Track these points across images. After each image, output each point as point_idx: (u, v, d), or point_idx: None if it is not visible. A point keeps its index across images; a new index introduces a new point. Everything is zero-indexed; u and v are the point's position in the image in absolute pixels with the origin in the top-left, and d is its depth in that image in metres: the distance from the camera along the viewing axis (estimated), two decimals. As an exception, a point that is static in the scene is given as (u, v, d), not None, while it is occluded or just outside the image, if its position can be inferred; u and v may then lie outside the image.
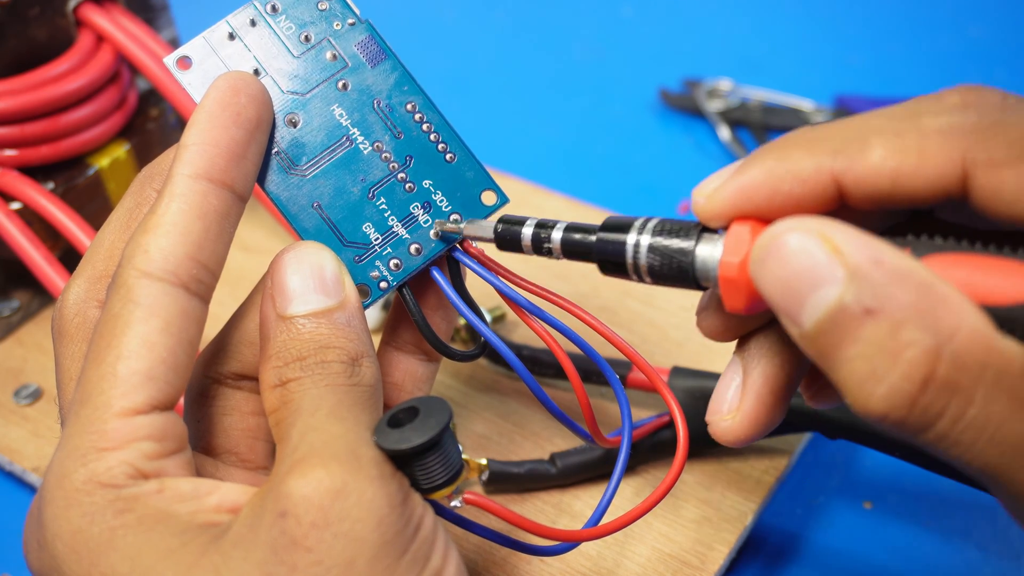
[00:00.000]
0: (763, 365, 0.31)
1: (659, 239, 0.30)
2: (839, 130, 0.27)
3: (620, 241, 0.30)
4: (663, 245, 0.29)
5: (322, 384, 0.29)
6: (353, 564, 0.26)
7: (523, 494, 0.43)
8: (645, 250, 0.30)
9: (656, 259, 0.30)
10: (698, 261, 0.29)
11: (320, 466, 0.27)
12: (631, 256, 0.30)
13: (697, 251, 0.29)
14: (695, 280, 0.29)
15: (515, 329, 0.49)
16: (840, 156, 0.27)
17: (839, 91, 0.69)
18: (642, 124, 0.70)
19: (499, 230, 0.33)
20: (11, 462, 0.45)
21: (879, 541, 0.44)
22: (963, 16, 0.77)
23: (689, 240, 0.29)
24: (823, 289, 0.24)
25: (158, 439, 0.28)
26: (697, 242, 0.29)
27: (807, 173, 0.27)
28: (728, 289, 0.28)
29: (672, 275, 0.29)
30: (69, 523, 0.27)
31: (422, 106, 0.34)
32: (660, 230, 0.30)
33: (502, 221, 0.33)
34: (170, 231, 0.29)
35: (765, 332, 0.31)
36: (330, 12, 0.35)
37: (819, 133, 0.28)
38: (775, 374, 0.31)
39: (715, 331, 0.31)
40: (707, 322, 0.31)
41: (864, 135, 0.27)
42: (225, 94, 0.31)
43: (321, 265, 0.31)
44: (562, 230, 0.32)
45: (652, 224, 0.30)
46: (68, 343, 0.31)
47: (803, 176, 0.27)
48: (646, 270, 0.30)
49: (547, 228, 0.33)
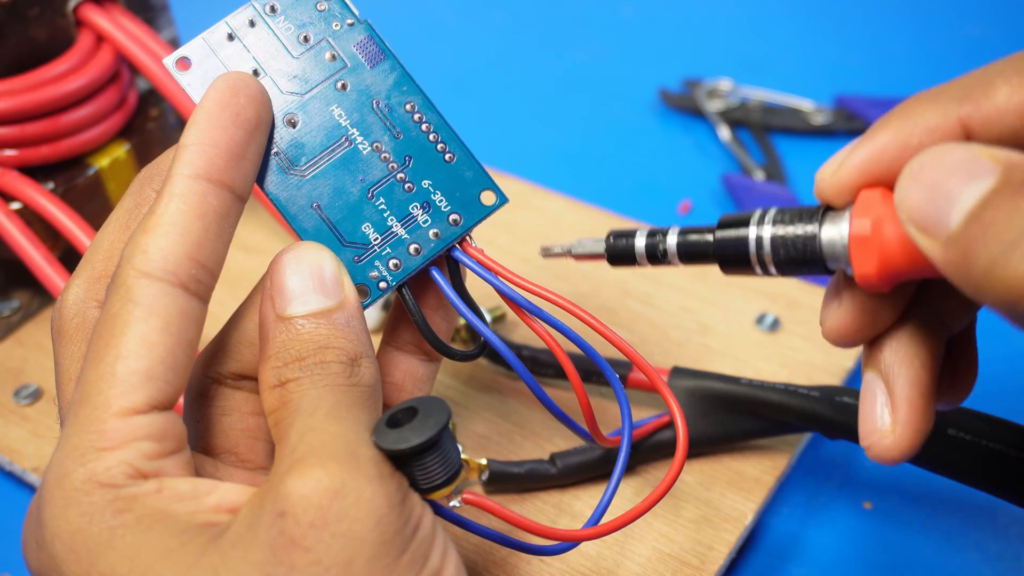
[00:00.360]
0: (906, 370, 0.30)
1: (781, 228, 0.30)
2: (960, 80, 0.28)
3: (741, 237, 0.30)
4: (787, 233, 0.29)
5: (321, 384, 0.29)
6: (352, 564, 0.26)
7: (523, 494, 0.43)
8: (768, 241, 0.30)
9: (782, 248, 0.30)
10: (825, 242, 0.29)
11: (319, 466, 0.27)
12: (754, 249, 0.30)
13: (823, 232, 0.29)
14: (824, 263, 0.29)
15: (515, 329, 0.49)
16: (965, 101, 0.27)
17: (839, 91, 0.69)
18: (642, 124, 0.70)
19: (610, 243, 0.34)
20: (11, 462, 0.45)
21: (879, 541, 0.44)
22: (963, 16, 0.77)
23: (813, 223, 0.29)
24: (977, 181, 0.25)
25: (157, 439, 0.28)
26: (821, 223, 0.29)
27: (935, 122, 0.27)
28: (860, 250, 0.28)
29: (800, 261, 0.29)
30: (68, 523, 0.27)
31: (421, 106, 0.34)
32: (780, 219, 0.30)
33: (612, 235, 0.34)
34: (169, 231, 0.29)
35: (896, 336, 0.31)
36: (329, 12, 0.35)
37: (939, 87, 0.28)
38: (920, 376, 0.30)
39: (844, 328, 0.31)
40: (835, 320, 0.31)
41: (987, 78, 0.27)
42: (224, 94, 0.31)
43: (320, 265, 0.31)
44: (676, 234, 0.33)
45: (770, 215, 0.30)
46: (67, 343, 0.31)
47: (931, 126, 0.27)
48: (771, 261, 0.30)
49: (659, 235, 0.33)
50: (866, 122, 0.66)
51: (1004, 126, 0.27)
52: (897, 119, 0.28)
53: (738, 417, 0.42)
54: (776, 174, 0.63)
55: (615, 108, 0.71)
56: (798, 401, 0.41)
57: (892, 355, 0.30)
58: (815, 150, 0.66)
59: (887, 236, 0.27)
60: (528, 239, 0.55)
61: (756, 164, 0.64)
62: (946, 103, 0.28)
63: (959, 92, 0.28)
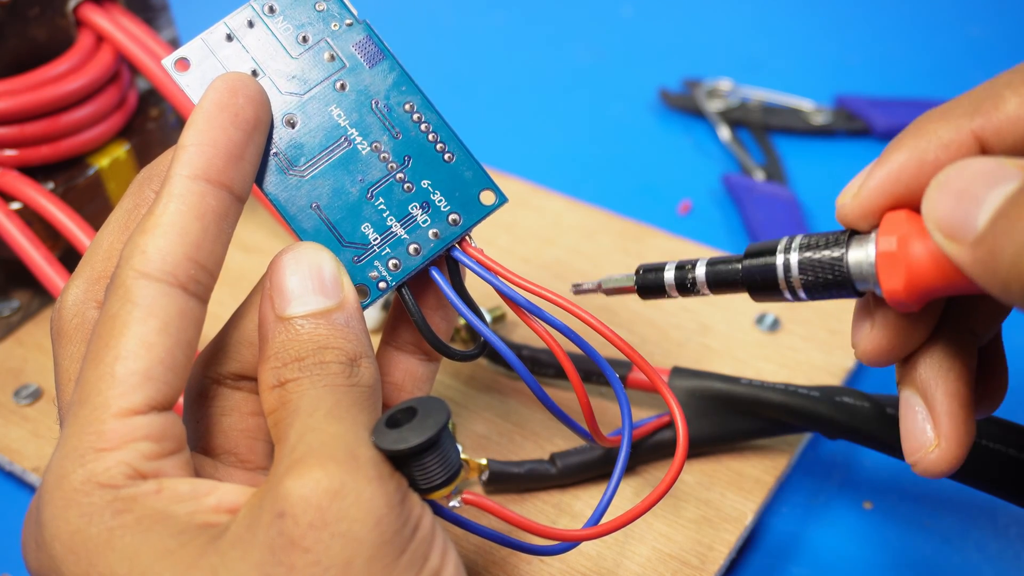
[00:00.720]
0: (944, 384, 0.31)
1: (808, 254, 0.30)
2: (969, 95, 0.28)
3: (769, 265, 0.31)
4: (814, 259, 0.30)
5: (320, 385, 0.29)
6: (351, 564, 0.26)
7: (523, 494, 0.43)
8: (796, 268, 0.30)
9: (810, 274, 0.30)
10: (852, 264, 0.29)
11: (318, 466, 0.27)
12: (783, 276, 0.31)
13: (850, 255, 0.29)
14: (852, 285, 0.30)
15: (515, 329, 0.49)
16: (976, 115, 0.28)
17: (839, 91, 0.69)
18: (642, 124, 0.70)
19: (640, 277, 0.35)
20: (11, 462, 0.45)
21: (879, 541, 0.43)
22: (963, 16, 0.77)
23: (840, 248, 0.30)
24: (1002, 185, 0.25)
25: (156, 439, 0.28)
26: (848, 248, 0.29)
27: (949, 137, 0.28)
28: (888, 268, 0.28)
29: (828, 285, 0.30)
30: (67, 523, 0.27)
31: (420, 106, 0.34)
32: (807, 245, 0.30)
33: (641, 269, 0.35)
34: (168, 231, 0.29)
35: (930, 352, 0.31)
36: (327, 13, 0.35)
37: (949, 103, 0.28)
38: (958, 388, 0.31)
39: (878, 349, 0.31)
40: (868, 342, 0.31)
41: (995, 90, 0.28)
42: (223, 95, 0.31)
43: (320, 266, 0.31)
44: (704, 265, 0.34)
45: (797, 242, 0.31)
46: (67, 344, 0.31)
47: (945, 141, 0.28)
48: (800, 285, 0.31)
49: (688, 267, 0.34)
50: (866, 122, 0.66)
51: (1017, 136, 0.27)
52: (911, 138, 0.29)
53: (738, 417, 0.42)
54: (776, 174, 0.63)
55: (615, 108, 0.71)
56: (798, 401, 0.41)
57: (927, 371, 0.31)
58: (815, 150, 0.66)
59: (914, 253, 0.28)
60: (528, 239, 0.55)
61: (756, 164, 0.64)
62: (958, 118, 0.28)
63: (969, 106, 0.28)
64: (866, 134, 0.67)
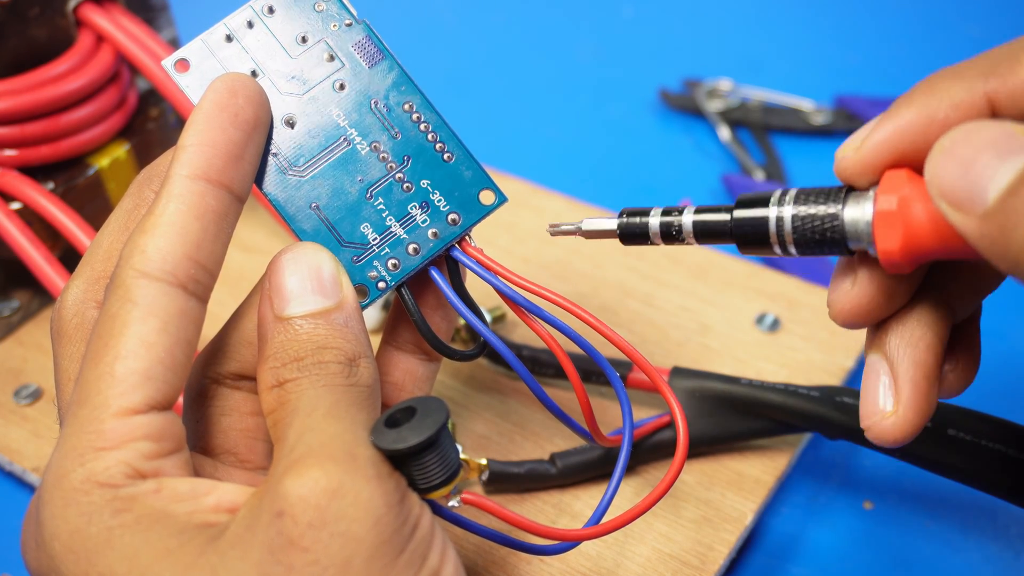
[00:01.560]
0: (911, 352, 0.30)
1: (803, 208, 0.29)
2: (986, 55, 0.27)
3: (761, 216, 0.30)
4: (809, 213, 0.29)
5: (319, 384, 0.29)
6: (350, 564, 0.26)
7: (523, 494, 0.43)
8: (789, 221, 0.29)
9: (804, 228, 0.29)
10: (848, 221, 0.28)
11: (316, 466, 0.27)
12: (775, 229, 0.30)
13: (846, 212, 0.28)
14: (844, 243, 0.29)
15: (515, 329, 0.49)
16: (992, 76, 0.27)
17: (839, 91, 0.69)
18: (642, 124, 0.69)
19: (624, 221, 0.33)
20: (11, 462, 0.45)
21: (879, 541, 0.43)
22: (963, 16, 0.77)
23: (836, 204, 0.29)
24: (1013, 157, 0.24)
25: (156, 439, 0.28)
26: (845, 204, 0.28)
27: (960, 97, 0.27)
28: (886, 228, 0.27)
29: (822, 242, 0.29)
30: (67, 523, 0.27)
31: (419, 106, 0.34)
32: (802, 199, 0.29)
33: (624, 214, 0.33)
34: (168, 231, 0.29)
35: (903, 319, 0.30)
36: (327, 13, 0.35)
37: (964, 63, 0.28)
38: (925, 358, 0.30)
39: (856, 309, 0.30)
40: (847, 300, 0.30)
41: (1013, 53, 0.27)
42: (222, 95, 0.31)
43: (318, 266, 0.31)
44: (692, 213, 0.32)
45: (792, 194, 0.30)
46: (66, 344, 0.31)
47: (956, 101, 0.27)
48: (792, 240, 0.30)
49: (675, 214, 0.32)
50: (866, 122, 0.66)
51: None
52: (921, 95, 0.28)
53: (738, 417, 0.42)
54: (776, 174, 0.63)
55: (615, 108, 0.71)
56: (798, 401, 0.41)
57: (898, 338, 0.30)
58: (815, 150, 0.66)
59: (914, 214, 0.27)
60: (528, 239, 0.55)
61: (756, 164, 0.64)
62: (972, 78, 0.27)
63: (985, 67, 0.27)
64: (866, 134, 0.67)
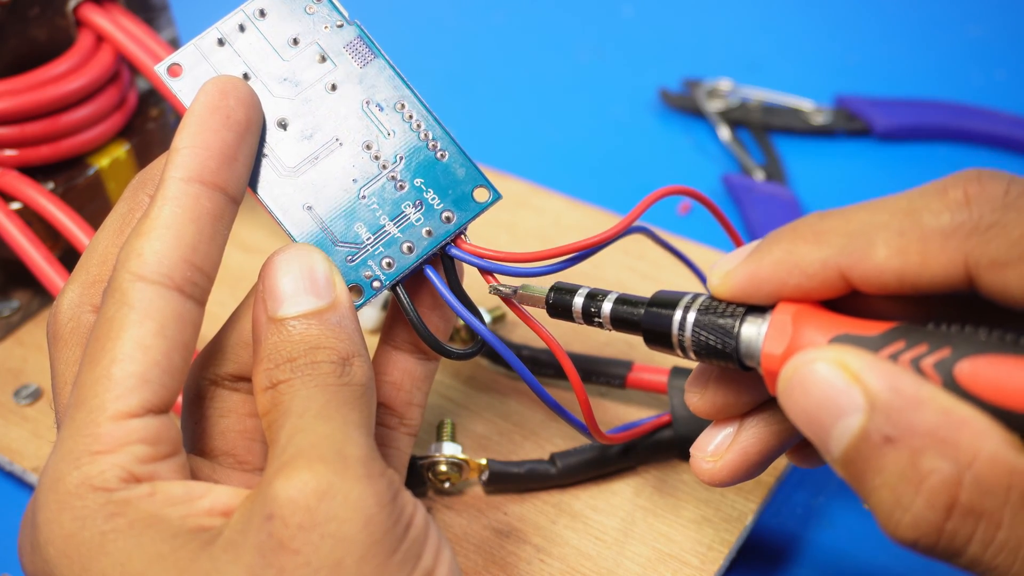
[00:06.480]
0: (759, 428, 0.32)
1: (705, 317, 0.30)
2: (844, 223, 0.28)
3: (667, 316, 0.31)
4: (708, 322, 0.30)
5: (312, 385, 0.29)
6: (341, 564, 0.26)
7: (523, 494, 0.43)
8: (690, 327, 0.30)
9: (701, 337, 0.30)
10: (742, 342, 0.29)
11: (306, 467, 0.27)
12: (676, 332, 0.31)
13: (742, 332, 0.29)
14: (739, 361, 0.30)
15: (515, 329, 0.49)
16: (845, 253, 0.27)
17: (839, 91, 0.69)
18: (642, 124, 0.69)
19: (552, 298, 0.34)
20: (11, 462, 0.46)
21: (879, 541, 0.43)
22: (963, 16, 0.77)
23: (734, 319, 0.29)
24: (846, 418, 0.25)
25: (151, 443, 0.28)
26: (741, 323, 0.29)
27: (814, 268, 0.28)
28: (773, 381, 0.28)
29: (716, 354, 0.30)
30: (61, 527, 0.27)
31: (412, 105, 0.34)
32: (707, 308, 0.30)
33: (555, 289, 0.34)
34: (163, 234, 0.29)
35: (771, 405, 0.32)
36: (318, 15, 0.35)
37: (825, 225, 0.28)
38: (768, 440, 0.32)
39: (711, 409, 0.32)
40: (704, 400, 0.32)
41: (868, 231, 0.27)
42: (214, 98, 0.31)
43: (312, 266, 0.31)
44: (612, 302, 0.33)
45: (699, 301, 0.31)
46: (63, 348, 0.31)
47: (810, 271, 0.28)
48: (691, 347, 0.30)
49: (597, 300, 0.33)
50: (866, 122, 0.66)
51: (883, 284, 0.27)
52: (781, 251, 0.29)
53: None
54: (776, 174, 0.63)
55: (615, 108, 0.71)
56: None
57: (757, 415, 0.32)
58: (815, 150, 0.66)
59: None
60: (528, 239, 0.55)
61: (756, 164, 0.64)
62: (827, 250, 0.28)
63: (842, 243, 0.28)
64: (866, 134, 0.67)
